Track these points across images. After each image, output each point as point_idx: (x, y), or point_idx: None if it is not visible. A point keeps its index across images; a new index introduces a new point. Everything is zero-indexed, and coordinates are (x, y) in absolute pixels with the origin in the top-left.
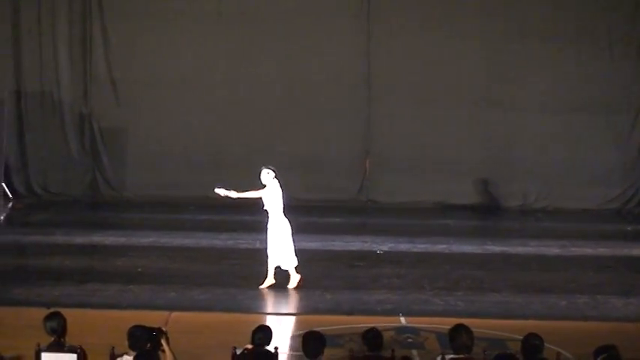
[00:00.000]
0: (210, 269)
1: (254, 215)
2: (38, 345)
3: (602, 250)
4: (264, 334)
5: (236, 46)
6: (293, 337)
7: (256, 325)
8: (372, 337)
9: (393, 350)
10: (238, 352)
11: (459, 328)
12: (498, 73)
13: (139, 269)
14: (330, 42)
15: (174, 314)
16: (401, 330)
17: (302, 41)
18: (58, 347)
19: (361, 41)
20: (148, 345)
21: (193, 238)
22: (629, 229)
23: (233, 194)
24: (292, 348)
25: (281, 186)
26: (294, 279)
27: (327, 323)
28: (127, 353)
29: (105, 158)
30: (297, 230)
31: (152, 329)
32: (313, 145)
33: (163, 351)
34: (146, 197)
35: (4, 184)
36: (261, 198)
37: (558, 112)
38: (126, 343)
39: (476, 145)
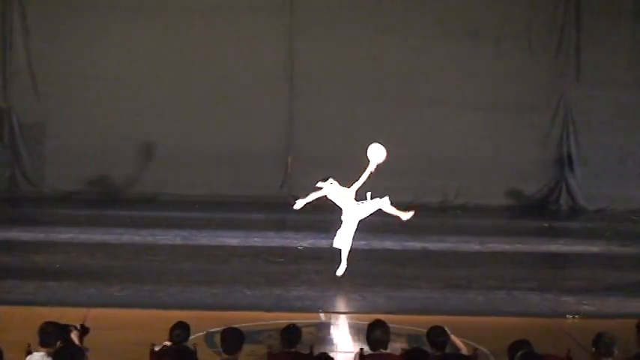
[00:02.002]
0: (130, 265)
1: (175, 211)
2: None
3: (520, 246)
4: (182, 330)
5: (158, 42)
6: (211, 334)
7: (175, 322)
8: (291, 333)
9: (311, 346)
10: (157, 349)
11: (375, 324)
12: (419, 70)
13: (58, 265)
14: (253, 38)
15: (93, 311)
16: (320, 326)
17: (225, 37)
18: None
19: (284, 37)
20: (59, 342)
21: (113, 234)
22: (546, 225)
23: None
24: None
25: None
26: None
27: (246, 320)
28: (36, 350)
29: (24, 153)
30: (218, 226)
31: (65, 326)
32: (236, 142)
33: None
34: (66, 193)
35: None
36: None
37: (478, 109)
38: None
39: (397, 142)
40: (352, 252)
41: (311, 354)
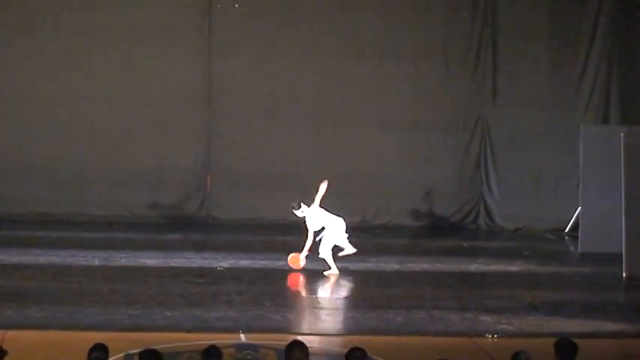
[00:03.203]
0: (48, 287)
1: (93, 232)
2: None
3: (440, 265)
4: (100, 352)
5: (75, 60)
6: (130, 355)
7: (93, 344)
8: (212, 354)
9: None
10: None
11: (293, 345)
12: (337, 90)
13: None
14: (172, 56)
15: (11, 333)
16: (241, 347)
17: (143, 55)
18: None
19: (202, 55)
20: None
21: (31, 255)
22: (465, 245)
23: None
24: None
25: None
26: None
27: (166, 341)
28: None
29: None
30: (137, 247)
31: None
32: (154, 161)
33: None
34: None
35: None
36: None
37: (397, 129)
38: None
39: (315, 161)
40: (270, 272)
41: None
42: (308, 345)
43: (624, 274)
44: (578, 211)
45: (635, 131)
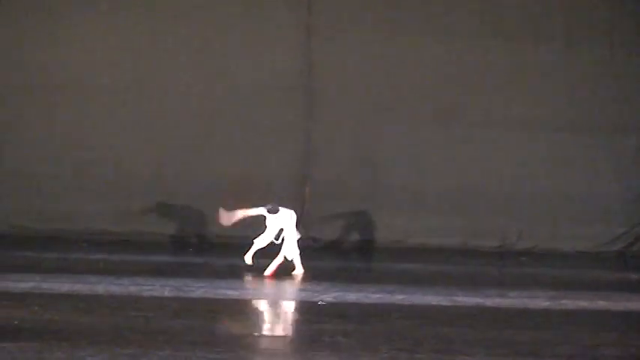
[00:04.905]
0: (107, 323)
1: (162, 255)
2: None
3: (602, 303)
4: None
5: (143, 41)
6: None
7: None
8: None
9: None
10: None
11: None
12: (469, 80)
13: (16, 322)
14: (262, 38)
15: None
16: None
17: (225, 36)
18: None
19: (299, 37)
20: None
21: (86, 283)
22: (634, 277)
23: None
24: None
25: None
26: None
27: None
28: None
29: None
30: (216, 274)
31: None
32: (238, 168)
33: None
34: (22, 230)
35: None
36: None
37: (545, 129)
38: None
39: (442, 171)
40: (386, 308)
41: None
42: None
43: None
44: None
45: None
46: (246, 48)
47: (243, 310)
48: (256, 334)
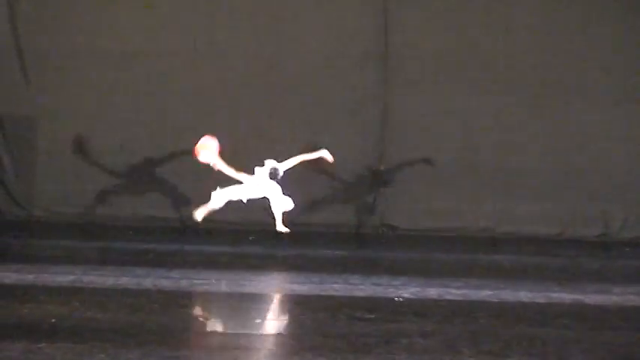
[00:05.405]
0: (155, 320)
1: (217, 245)
2: None
3: None
4: None
5: (202, 10)
6: None
7: None
8: None
9: None
10: None
11: None
12: (569, 53)
13: (54, 320)
14: (331, 6)
15: None
16: None
17: (292, 6)
18: None
19: (374, 5)
20: None
21: (132, 277)
22: None
23: None
24: None
25: None
26: None
27: None
28: None
29: (7, 161)
30: (279, 267)
31: None
32: (304, 149)
33: None
34: (65, 217)
35: None
36: None
37: None
38: None
39: (536, 150)
40: (470, 305)
41: None
42: None
43: None
44: None
45: None
46: (313, 15)
47: (313, 308)
48: (325, 334)
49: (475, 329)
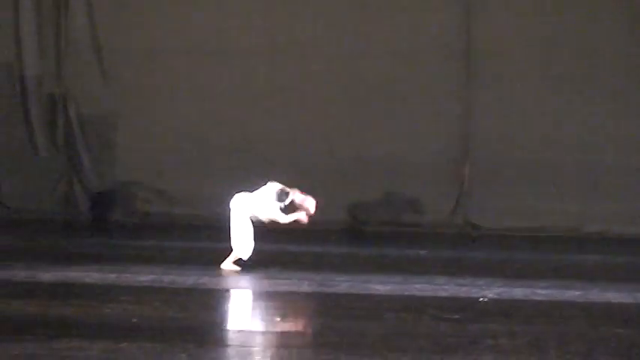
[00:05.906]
0: (237, 320)
1: (295, 244)
2: None
3: None
4: None
5: (274, 4)
6: None
7: None
8: None
9: None
10: None
11: None
12: None
13: (135, 320)
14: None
15: None
16: None
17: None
18: None
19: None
20: None
21: (213, 276)
22: None
23: None
24: None
25: None
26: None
27: None
28: None
29: (86, 159)
30: (362, 267)
31: None
32: (384, 147)
33: None
34: (149, 214)
35: None
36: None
37: None
38: None
39: (623, 147)
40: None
41: None
42: None
43: None
44: None
45: None
46: (394, 13)
47: (392, 308)
48: (405, 335)
49: (561, 330)
